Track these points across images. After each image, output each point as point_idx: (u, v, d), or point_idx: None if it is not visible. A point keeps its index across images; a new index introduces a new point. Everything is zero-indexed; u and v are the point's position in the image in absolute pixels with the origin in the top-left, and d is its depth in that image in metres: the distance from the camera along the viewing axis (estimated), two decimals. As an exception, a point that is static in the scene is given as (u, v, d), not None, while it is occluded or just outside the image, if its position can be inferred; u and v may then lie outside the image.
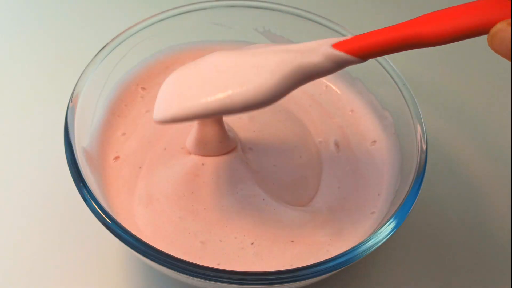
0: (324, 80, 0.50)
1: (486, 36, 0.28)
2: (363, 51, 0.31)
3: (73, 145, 0.38)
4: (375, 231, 0.36)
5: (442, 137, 0.56)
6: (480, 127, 0.55)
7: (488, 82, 0.61)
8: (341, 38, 0.32)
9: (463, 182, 0.53)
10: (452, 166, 0.54)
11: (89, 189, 0.35)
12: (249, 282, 0.33)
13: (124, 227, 0.34)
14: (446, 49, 0.33)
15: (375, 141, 0.46)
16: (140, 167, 0.43)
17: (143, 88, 0.48)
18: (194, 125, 0.41)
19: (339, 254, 0.34)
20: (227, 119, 0.43)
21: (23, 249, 0.45)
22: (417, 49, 0.31)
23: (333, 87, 0.50)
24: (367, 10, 0.70)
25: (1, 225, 0.46)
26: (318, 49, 0.32)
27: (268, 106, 0.32)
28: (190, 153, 0.42)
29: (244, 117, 0.45)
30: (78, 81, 0.41)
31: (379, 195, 0.43)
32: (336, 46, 0.32)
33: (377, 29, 0.32)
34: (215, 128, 0.40)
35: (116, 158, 0.43)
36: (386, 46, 0.31)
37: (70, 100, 0.40)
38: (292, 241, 0.39)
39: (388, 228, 0.36)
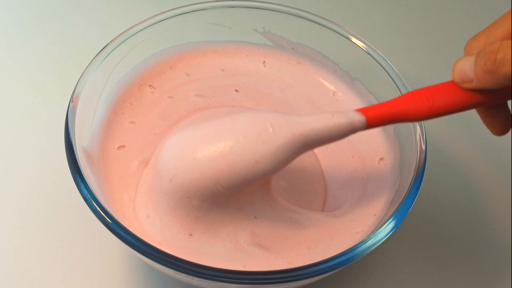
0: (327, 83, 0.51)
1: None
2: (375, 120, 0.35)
3: (73, 145, 0.38)
4: (374, 231, 0.36)
5: (442, 137, 0.56)
6: (480, 127, 0.55)
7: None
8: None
9: (463, 181, 0.53)
10: (452, 166, 0.54)
11: (89, 188, 0.35)
12: (248, 281, 0.33)
13: (124, 226, 0.34)
14: (445, 49, 0.33)
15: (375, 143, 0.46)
16: (143, 162, 0.43)
17: (151, 86, 0.48)
18: None
19: (338, 254, 0.34)
20: None
21: (24, 248, 0.45)
22: (416, 48, 0.32)
23: (335, 89, 0.50)
24: (366, 10, 0.70)
25: (2, 224, 0.46)
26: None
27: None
28: None
29: None
30: (78, 81, 0.41)
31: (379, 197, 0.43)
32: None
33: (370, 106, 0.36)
34: None
35: (121, 147, 0.43)
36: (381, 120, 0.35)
37: (71, 99, 0.40)
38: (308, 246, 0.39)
39: (387, 228, 0.36)
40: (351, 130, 0.35)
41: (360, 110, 0.35)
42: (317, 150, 0.46)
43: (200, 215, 0.37)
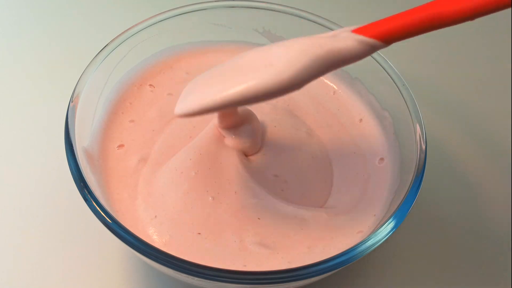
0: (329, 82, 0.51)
1: (487, 34, 0.28)
2: (389, 34, 0.31)
3: (73, 145, 0.38)
4: (374, 231, 0.36)
5: (442, 137, 0.56)
6: (480, 127, 0.55)
7: (488, 81, 0.62)
8: (357, 26, 0.32)
9: (463, 181, 0.53)
10: (452, 165, 0.54)
11: (89, 189, 0.35)
12: (248, 281, 0.33)
13: (124, 227, 0.34)
14: (446, 48, 0.33)
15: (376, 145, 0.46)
16: (142, 160, 0.43)
17: (151, 85, 0.48)
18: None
19: (338, 254, 0.34)
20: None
21: (25, 248, 0.45)
22: (416, 48, 0.32)
23: (336, 88, 0.50)
24: (367, 10, 0.70)
25: (2, 224, 0.47)
26: (346, 35, 0.31)
27: (294, 90, 0.31)
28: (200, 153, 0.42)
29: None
30: (78, 81, 0.41)
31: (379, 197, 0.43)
32: (359, 31, 0.31)
33: (396, 14, 0.31)
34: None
35: (120, 146, 0.44)
36: (409, 28, 0.31)
37: (71, 100, 0.40)
38: (309, 245, 0.39)
39: (387, 228, 0.36)
40: (367, 52, 0.31)
41: (364, 29, 0.31)
42: (325, 141, 0.46)
43: (212, 213, 0.39)
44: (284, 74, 0.30)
